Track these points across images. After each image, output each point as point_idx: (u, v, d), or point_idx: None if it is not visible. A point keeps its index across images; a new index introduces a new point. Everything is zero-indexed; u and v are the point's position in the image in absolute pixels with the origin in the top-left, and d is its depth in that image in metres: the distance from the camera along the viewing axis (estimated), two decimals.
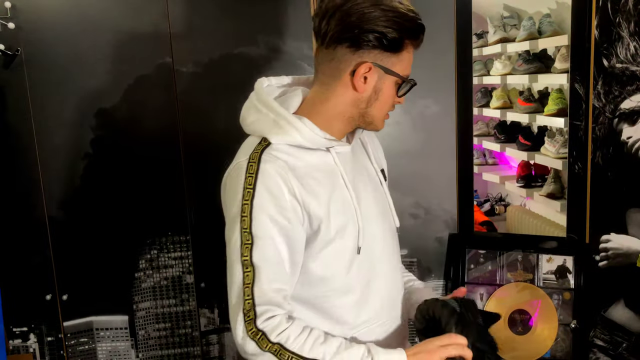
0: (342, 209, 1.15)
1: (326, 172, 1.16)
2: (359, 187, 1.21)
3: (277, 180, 1.09)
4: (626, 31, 1.90)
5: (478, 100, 3.35)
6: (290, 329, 1.08)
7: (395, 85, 1.16)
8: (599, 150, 1.99)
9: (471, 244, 2.09)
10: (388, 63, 1.12)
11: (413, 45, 1.14)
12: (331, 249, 1.15)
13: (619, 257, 2.04)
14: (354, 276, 1.19)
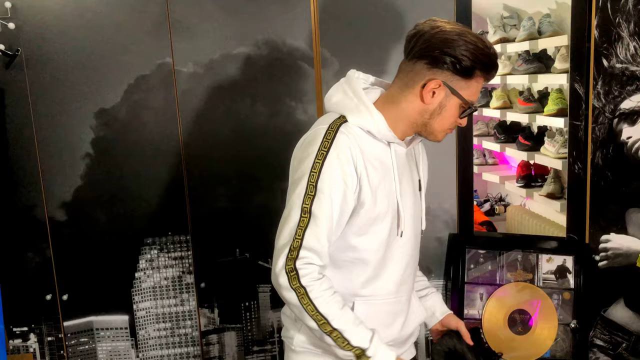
0: (387, 196, 1.34)
1: (382, 161, 1.34)
2: (404, 184, 1.39)
3: (347, 150, 1.28)
4: (626, 31, 1.90)
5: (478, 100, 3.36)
6: (320, 282, 1.28)
7: (460, 107, 1.33)
8: (598, 150, 1.99)
9: (471, 244, 2.10)
10: (457, 86, 1.29)
11: (484, 77, 1.31)
12: (368, 227, 1.33)
13: (619, 257, 2.04)
14: (381, 255, 1.38)
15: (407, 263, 1.44)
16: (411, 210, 1.42)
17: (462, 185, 2.09)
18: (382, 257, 1.38)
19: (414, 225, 1.44)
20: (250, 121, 2.03)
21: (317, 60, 1.98)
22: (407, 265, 1.44)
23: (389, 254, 1.39)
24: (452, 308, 2.06)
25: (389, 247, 1.39)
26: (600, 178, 2.01)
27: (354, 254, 1.36)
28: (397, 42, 2.00)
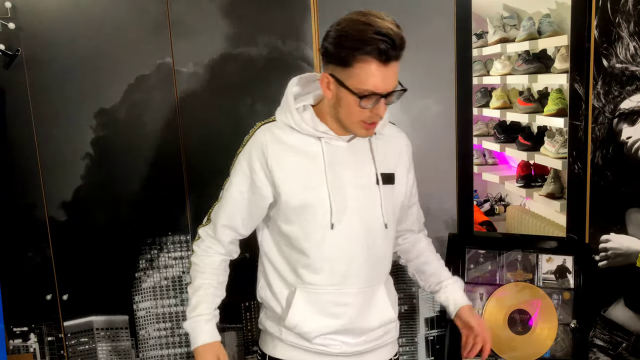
0: (314, 188, 1.38)
1: (309, 155, 1.39)
2: (343, 177, 1.40)
3: (259, 144, 1.40)
4: (626, 31, 1.90)
5: (478, 100, 3.37)
6: (204, 251, 1.50)
7: (355, 96, 1.28)
8: (598, 150, 1.99)
9: (471, 244, 2.09)
10: (342, 76, 1.28)
11: (373, 60, 1.24)
12: (295, 216, 1.40)
13: (619, 257, 2.04)
14: (313, 245, 1.40)
15: (354, 257, 1.42)
16: (357, 203, 1.40)
17: (462, 185, 2.09)
18: (318, 247, 1.40)
19: (361, 219, 1.42)
20: (250, 121, 2.02)
21: (317, 60, 1.98)
22: (354, 260, 1.42)
23: (325, 245, 1.40)
24: None
25: (323, 239, 1.39)
26: (600, 178, 2.01)
27: (288, 241, 1.43)
28: None
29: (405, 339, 2.17)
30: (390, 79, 1.28)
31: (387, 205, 1.45)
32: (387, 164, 1.46)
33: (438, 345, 2.18)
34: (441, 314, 2.17)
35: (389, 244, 1.51)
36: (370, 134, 1.39)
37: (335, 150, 1.40)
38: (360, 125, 1.34)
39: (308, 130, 1.38)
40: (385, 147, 1.47)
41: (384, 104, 1.30)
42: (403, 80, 2.01)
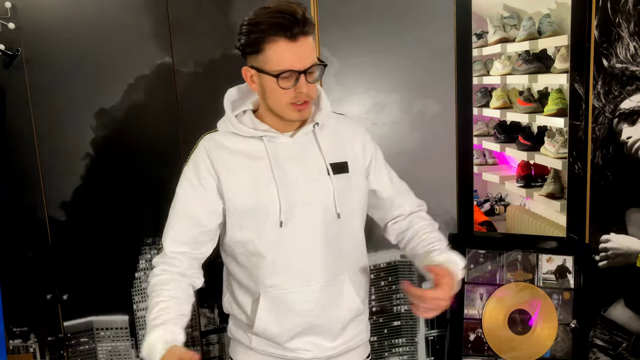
0: (263, 188, 1.37)
1: (254, 156, 1.39)
2: (292, 173, 1.39)
3: (203, 152, 1.42)
4: (626, 31, 1.90)
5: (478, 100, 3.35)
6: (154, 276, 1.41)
7: (273, 77, 1.30)
8: (598, 150, 1.99)
9: (471, 244, 2.09)
10: (259, 64, 1.31)
11: (282, 40, 1.27)
12: (246, 219, 1.39)
13: (619, 257, 2.04)
14: (268, 246, 1.39)
15: (311, 252, 1.40)
16: (309, 197, 1.39)
17: (462, 185, 2.09)
18: (272, 248, 1.39)
19: (315, 212, 1.40)
20: None
21: None
22: (312, 255, 1.40)
23: (280, 244, 1.39)
24: (452, 308, 2.06)
25: (276, 238, 1.38)
26: (600, 178, 2.01)
27: (244, 247, 1.42)
28: (397, 41, 2.00)
29: (405, 339, 2.17)
30: (304, 55, 1.29)
31: (342, 194, 1.43)
32: (336, 153, 1.45)
33: (438, 345, 2.18)
34: (441, 314, 2.17)
35: (350, 233, 1.47)
36: (305, 116, 1.38)
37: (280, 147, 1.40)
38: (290, 108, 1.34)
39: (248, 131, 1.39)
40: (332, 137, 1.46)
41: (305, 81, 1.30)
42: (403, 80, 2.03)
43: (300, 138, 1.42)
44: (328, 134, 1.45)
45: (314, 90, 1.34)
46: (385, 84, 2.02)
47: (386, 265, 2.12)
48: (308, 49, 1.29)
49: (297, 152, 1.41)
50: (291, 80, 1.30)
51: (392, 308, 2.15)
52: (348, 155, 1.46)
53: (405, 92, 2.03)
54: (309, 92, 1.32)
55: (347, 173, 1.45)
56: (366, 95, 2.03)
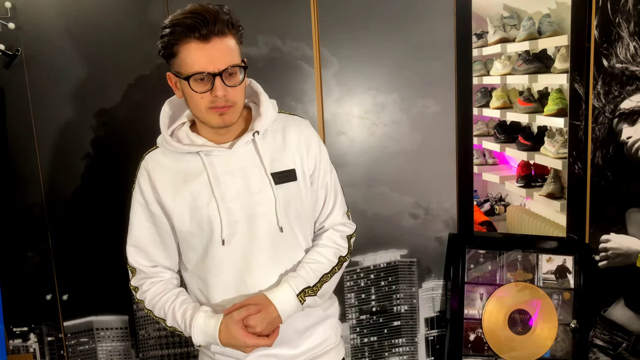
0: (204, 205, 1.33)
1: (193, 173, 1.35)
2: (233, 187, 1.35)
3: (144, 173, 1.40)
4: (626, 31, 1.90)
5: (478, 100, 3.36)
6: (149, 291, 1.43)
7: (187, 82, 1.26)
8: (598, 150, 1.99)
9: (471, 244, 2.10)
10: (176, 68, 1.28)
11: (191, 44, 1.24)
12: (193, 240, 1.37)
13: (619, 257, 2.04)
14: (214, 266, 1.36)
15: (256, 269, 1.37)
16: (250, 212, 1.35)
17: (462, 185, 2.09)
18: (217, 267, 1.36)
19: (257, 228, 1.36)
20: None
21: (317, 60, 1.98)
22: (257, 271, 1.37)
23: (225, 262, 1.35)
24: (452, 308, 2.06)
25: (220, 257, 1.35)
26: (600, 178, 2.01)
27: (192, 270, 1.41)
28: (397, 41, 2.00)
29: (405, 339, 2.17)
30: (217, 56, 1.24)
31: (288, 205, 1.38)
32: (282, 161, 1.39)
33: (438, 345, 2.18)
34: (441, 314, 2.17)
35: (296, 247, 1.42)
36: (228, 122, 1.30)
37: (218, 160, 1.35)
38: (211, 113, 1.28)
39: (183, 148, 1.35)
40: (277, 143, 1.40)
41: (222, 85, 1.25)
42: (403, 80, 2.03)
43: (240, 149, 1.36)
44: (272, 140, 1.40)
45: (236, 94, 1.29)
46: (385, 84, 2.02)
47: (386, 265, 2.12)
48: (223, 50, 1.24)
49: (236, 165, 1.36)
50: (207, 84, 1.25)
51: (392, 308, 2.15)
52: (296, 162, 1.40)
53: (405, 92, 2.03)
54: (229, 96, 1.26)
55: (295, 181, 1.39)
56: (366, 95, 2.03)
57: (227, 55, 1.25)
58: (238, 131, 1.38)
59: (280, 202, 1.36)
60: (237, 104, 1.30)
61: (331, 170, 1.50)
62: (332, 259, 1.46)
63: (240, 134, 1.38)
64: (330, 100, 2.02)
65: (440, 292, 2.15)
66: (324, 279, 1.42)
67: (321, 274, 1.42)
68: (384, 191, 2.05)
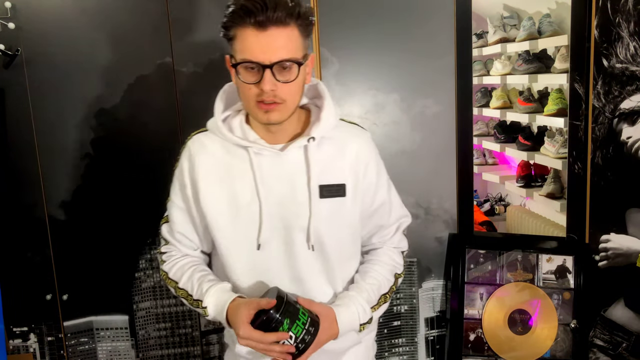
0: (244, 205, 1.26)
1: (238, 167, 1.27)
2: (278, 192, 1.27)
3: (186, 155, 1.34)
4: (626, 31, 1.90)
5: (478, 100, 3.37)
6: (174, 263, 1.39)
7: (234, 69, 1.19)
8: (598, 150, 1.99)
9: (471, 244, 2.10)
10: (232, 51, 1.20)
11: (247, 29, 1.13)
12: (221, 237, 1.30)
13: (619, 257, 2.04)
14: (241, 268, 1.31)
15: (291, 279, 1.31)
16: (290, 222, 1.28)
17: (462, 185, 2.09)
18: (247, 271, 1.31)
19: (292, 238, 1.29)
20: None
21: (317, 60, 1.98)
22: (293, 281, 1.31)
23: (256, 268, 1.30)
24: (452, 308, 2.06)
25: (251, 261, 1.29)
26: (600, 178, 2.01)
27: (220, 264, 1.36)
28: (397, 41, 2.00)
29: (405, 339, 2.17)
30: (272, 46, 1.12)
31: (330, 221, 1.29)
32: (334, 173, 1.29)
33: (438, 345, 2.18)
34: (441, 314, 2.17)
35: (332, 263, 1.33)
36: (273, 120, 1.19)
37: (268, 161, 1.26)
38: (257, 108, 1.18)
39: (233, 139, 1.26)
40: (332, 153, 1.29)
41: (271, 78, 1.14)
42: (403, 80, 2.03)
43: (291, 153, 1.26)
44: (327, 149, 1.29)
45: (288, 91, 1.17)
46: (385, 84, 2.02)
47: None
48: (279, 41, 1.13)
49: (285, 170, 1.27)
50: (256, 75, 1.15)
51: (392, 308, 2.15)
52: (348, 177, 1.30)
53: (405, 92, 2.03)
54: (278, 91, 1.16)
55: (344, 197, 1.29)
56: (366, 95, 2.03)
57: (283, 47, 1.13)
58: (293, 133, 1.28)
59: (322, 217, 1.28)
60: (287, 102, 1.18)
61: (388, 186, 1.41)
62: (389, 277, 1.39)
63: (295, 137, 1.28)
64: None
65: (440, 292, 2.16)
66: (381, 301, 1.37)
67: (379, 296, 1.37)
68: None
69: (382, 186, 1.38)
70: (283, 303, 1.20)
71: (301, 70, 1.18)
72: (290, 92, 1.17)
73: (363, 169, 1.32)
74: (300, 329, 1.20)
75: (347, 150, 1.31)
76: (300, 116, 1.30)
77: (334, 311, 1.28)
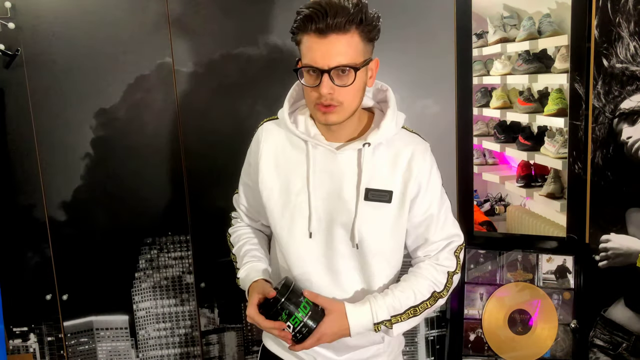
0: (294, 193, 1.34)
1: (296, 157, 1.35)
2: (327, 187, 1.34)
3: (256, 139, 1.43)
4: (626, 31, 1.90)
5: (478, 100, 3.36)
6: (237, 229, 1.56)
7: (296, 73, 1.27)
8: (598, 150, 1.99)
9: (471, 244, 2.09)
10: (300, 54, 1.27)
11: (312, 34, 1.21)
12: (274, 219, 1.38)
13: (619, 257, 2.04)
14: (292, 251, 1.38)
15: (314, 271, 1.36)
16: (334, 217, 1.33)
17: (462, 185, 2.09)
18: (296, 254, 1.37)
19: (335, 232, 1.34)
20: (250, 121, 2.03)
21: None
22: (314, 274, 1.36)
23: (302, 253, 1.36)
24: (452, 308, 2.06)
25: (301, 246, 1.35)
26: (600, 178, 2.01)
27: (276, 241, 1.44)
28: (397, 41, 2.00)
29: (405, 339, 2.17)
30: (331, 52, 1.19)
31: (373, 225, 1.33)
32: (383, 179, 1.34)
33: (438, 346, 2.18)
34: (441, 314, 2.17)
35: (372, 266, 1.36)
36: (330, 121, 1.26)
37: (322, 156, 1.33)
38: (317, 109, 1.26)
39: (295, 131, 1.34)
40: (385, 159, 1.35)
41: (328, 82, 1.20)
42: (403, 80, 2.03)
43: (345, 153, 1.32)
44: (382, 156, 1.34)
45: (346, 94, 1.24)
46: (385, 83, 2.02)
47: None
48: (340, 47, 1.20)
49: (337, 167, 1.33)
50: (316, 79, 1.22)
51: None
52: (397, 185, 1.34)
53: (405, 92, 2.03)
54: (335, 94, 1.22)
55: (388, 203, 1.33)
56: None
57: (342, 54, 1.20)
58: (353, 134, 1.34)
59: (365, 219, 1.32)
60: (344, 104, 1.25)
61: (441, 201, 1.43)
62: (424, 292, 1.38)
63: (354, 138, 1.34)
64: None
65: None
66: (410, 313, 1.36)
67: (407, 307, 1.36)
68: None
69: (434, 199, 1.40)
70: (286, 293, 1.28)
71: (359, 75, 1.25)
72: (347, 95, 1.24)
73: (414, 178, 1.35)
74: (298, 321, 1.28)
75: (400, 159, 1.35)
76: (362, 118, 1.37)
77: (344, 306, 1.32)
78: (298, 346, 1.29)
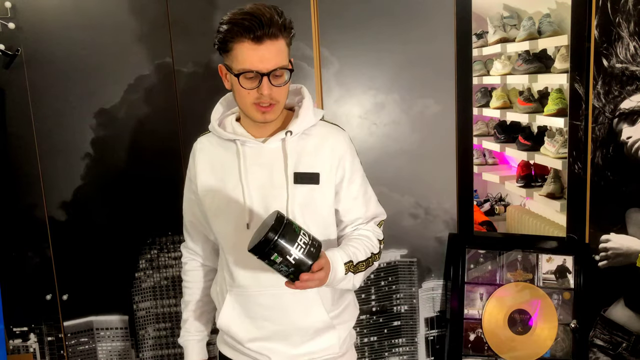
0: (230, 189, 1.43)
1: (229, 158, 1.45)
2: (259, 178, 1.43)
3: (192, 155, 1.53)
4: (626, 31, 1.90)
5: (478, 100, 3.36)
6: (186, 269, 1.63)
7: (236, 77, 1.35)
8: (598, 150, 1.99)
9: (471, 244, 2.10)
10: (228, 62, 1.37)
11: (243, 43, 1.31)
12: (215, 218, 1.46)
13: (619, 257, 2.04)
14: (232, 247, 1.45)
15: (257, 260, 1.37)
16: (268, 204, 1.41)
17: (462, 185, 2.09)
18: (235, 249, 1.44)
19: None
20: None
21: (317, 60, 1.98)
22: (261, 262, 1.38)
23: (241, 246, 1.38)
24: (452, 308, 2.06)
25: (240, 240, 1.39)
26: (600, 178, 2.01)
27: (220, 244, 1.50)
28: (397, 41, 2.00)
29: (405, 339, 2.18)
30: (268, 57, 1.32)
31: (305, 206, 1.42)
32: (309, 163, 1.44)
33: (438, 345, 2.18)
34: (441, 314, 2.17)
35: None
36: (268, 119, 1.38)
37: (251, 151, 1.44)
38: (254, 109, 1.37)
39: (223, 134, 1.45)
40: (309, 146, 1.45)
41: (268, 84, 1.33)
42: (403, 80, 2.03)
43: (271, 144, 1.44)
44: (306, 143, 1.45)
45: (280, 93, 1.37)
46: (385, 84, 2.03)
47: (386, 265, 2.12)
48: (274, 52, 1.32)
49: (265, 158, 1.44)
50: (254, 82, 1.33)
51: (392, 308, 2.15)
52: (324, 167, 1.45)
53: (405, 92, 2.03)
54: (273, 94, 1.35)
55: (317, 184, 1.44)
56: (366, 95, 2.03)
57: (276, 57, 1.33)
58: (276, 128, 1.46)
59: (297, 201, 1.42)
60: (280, 102, 1.38)
61: (363, 182, 1.53)
62: (373, 240, 1.50)
63: (277, 131, 1.45)
64: (330, 100, 2.02)
65: (440, 292, 2.16)
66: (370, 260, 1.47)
67: (369, 253, 1.47)
68: (383, 191, 2.05)
69: (356, 180, 1.51)
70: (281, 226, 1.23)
71: (288, 75, 1.38)
72: (282, 94, 1.38)
73: (337, 162, 1.47)
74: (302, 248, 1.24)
75: (324, 145, 1.47)
76: (284, 113, 1.48)
77: None
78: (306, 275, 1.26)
